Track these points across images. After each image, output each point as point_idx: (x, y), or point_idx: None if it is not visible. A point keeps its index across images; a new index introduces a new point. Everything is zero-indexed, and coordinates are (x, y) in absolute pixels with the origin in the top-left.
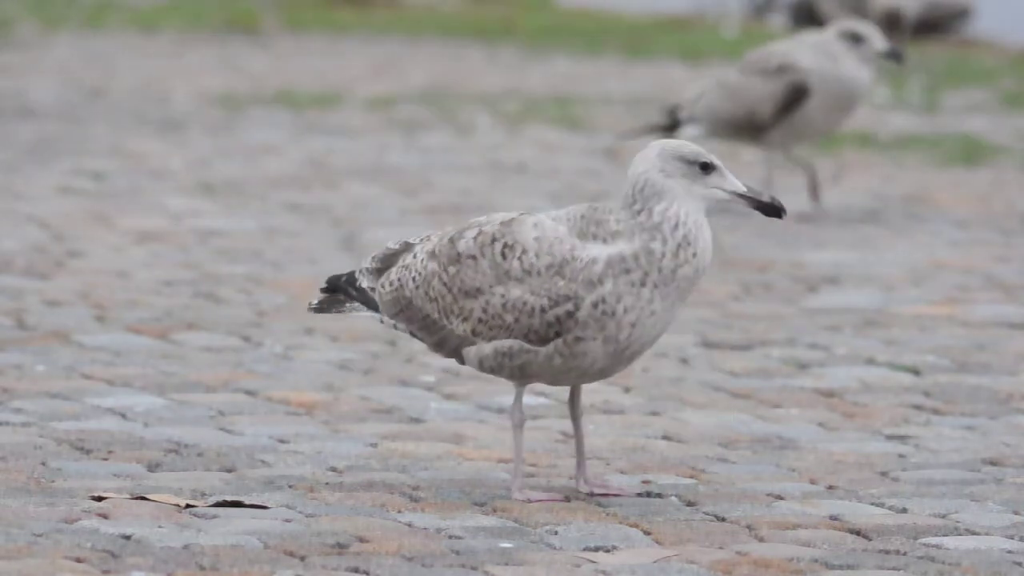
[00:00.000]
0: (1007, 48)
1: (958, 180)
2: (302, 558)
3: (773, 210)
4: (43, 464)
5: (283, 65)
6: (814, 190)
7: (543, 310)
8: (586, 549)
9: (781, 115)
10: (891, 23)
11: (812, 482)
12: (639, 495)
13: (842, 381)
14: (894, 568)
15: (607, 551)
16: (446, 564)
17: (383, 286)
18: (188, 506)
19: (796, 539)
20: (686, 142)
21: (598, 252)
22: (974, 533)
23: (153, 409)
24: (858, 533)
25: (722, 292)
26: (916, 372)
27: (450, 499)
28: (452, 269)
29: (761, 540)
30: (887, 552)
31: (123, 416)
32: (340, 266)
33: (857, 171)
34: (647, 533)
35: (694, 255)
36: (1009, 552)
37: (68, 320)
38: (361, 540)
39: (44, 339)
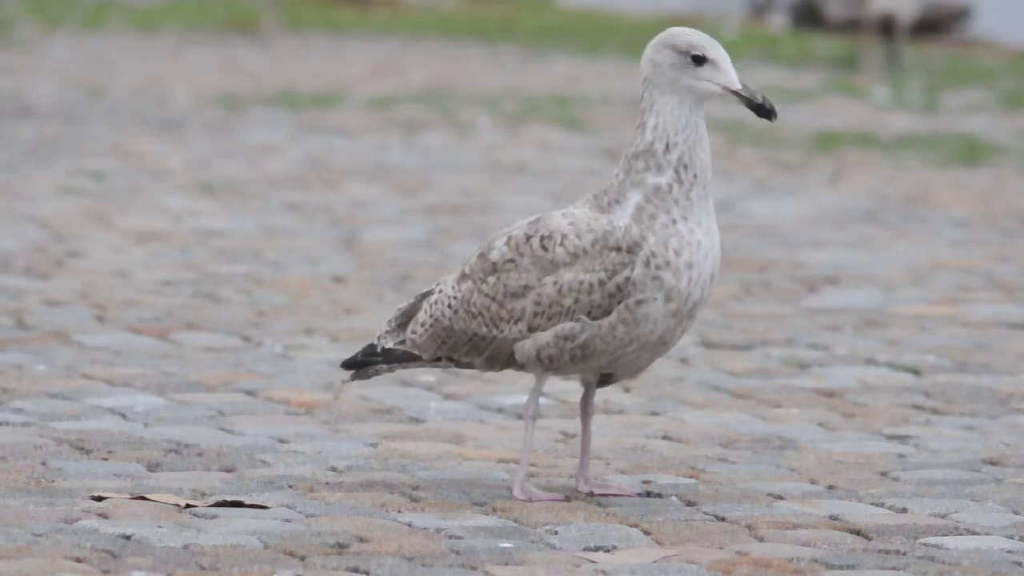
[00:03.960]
0: (1007, 48)
1: (958, 180)
2: (302, 558)
3: (764, 111)
4: (43, 464)
5: (283, 65)
6: None
7: (602, 283)
8: (586, 549)
9: None
10: (887, 26)
11: (812, 482)
12: (639, 495)
13: (842, 381)
14: (894, 568)
15: (607, 551)
16: (446, 564)
17: (413, 332)
18: (188, 506)
19: (796, 539)
20: (691, 31)
21: (624, 214)
22: (974, 533)
23: (153, 409)
24: (858, 533)
25: (722, 292)
26: (916, 372)
27: (450, 499)
28: (491, 279)
29: (761, 540)
30: (887, 552)
31: (123, 416)
32: (340, 266)
33: (857, 171)
34: (647, 533)
35: (695, 176)
36: (1009, 552)
37: (68, 320)
38: (361, 540)
39: (44, 339)
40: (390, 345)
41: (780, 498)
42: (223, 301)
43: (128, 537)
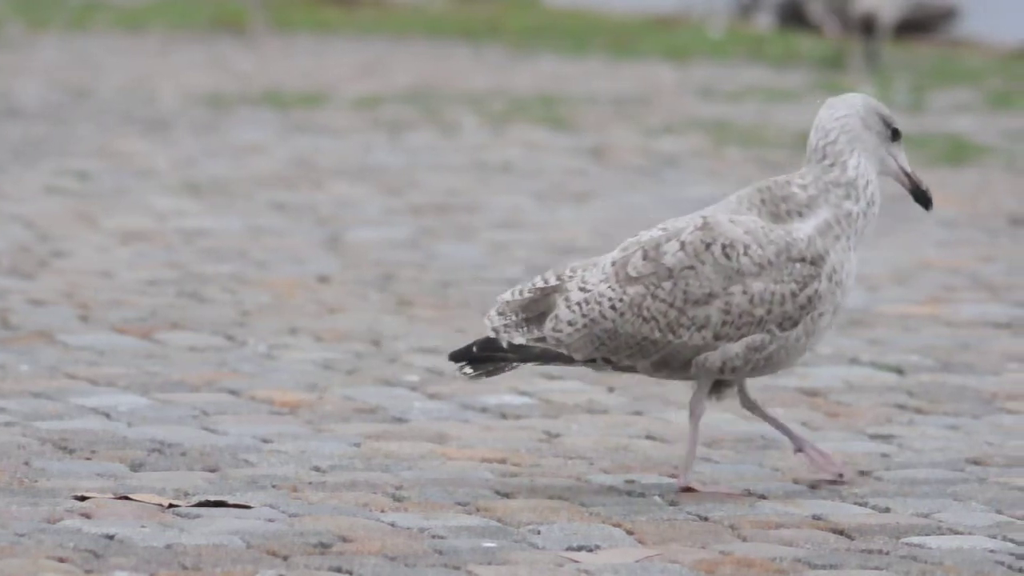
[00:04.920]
0: (994, 48)
1: (944, 180)
2: (285, 558)
3: (926, 200)
4: (26, 464)
5: (269, 65)
6: None
7: (794, 295)
8: (569, 549)
9: None
10: (870, 25)
11: (795, 482)
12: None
13: (826, 381)
14: (876, 568)
15: (590, 551)
16: (429, 564)
17: (556, 331)
18: (171, 506)
19: (779, 539)
20: (883, 103)
21: (805, 228)
22: (957, 532)
23: (137, 409)
24: (841, 533)
25: None
26: (900, 372)
27: (433, 499)
28: (667, 284)
29: (744, 540)
30: (869, 552)
31: (107, 416)
32: (325, 266)
33: None
34: (630, 533)
35: (875, 214)
36: (992, 551)
37: (52, 320)
38: (344, 540)
39: (28, 339)
40: (521, 341)
41: (763, 498)
42: (207, 301)
43: (111, 537)
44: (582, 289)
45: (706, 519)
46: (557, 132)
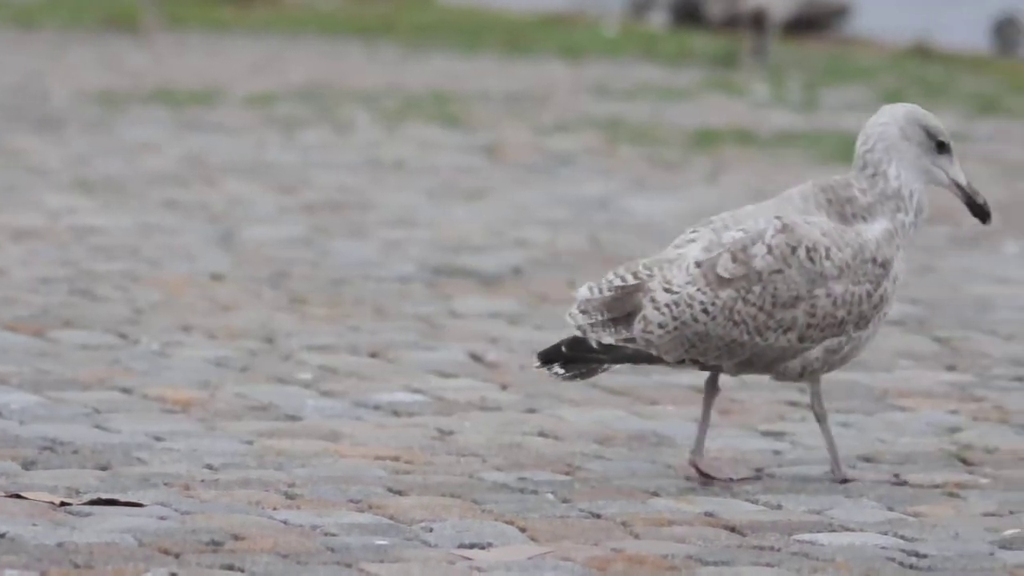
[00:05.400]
0: (886, 46)
1: None
2: (177, 556)
3: (983, 213)
4: None
5: (162, 63)
6: None
7: (869, 295)
8: (461, 546)
9: None
10: (759, 22)
11: (688, 479)
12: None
13: (719, 378)
14: (768, 564)
15: (482, 548)
16: (321, 561)
17: (647, 332)
18: (63, 504)
19: (671, 536)
20: (933, 115)
21: (873, 232)
22: (848, 529)
23: (28, 407)
24: (733, 530)
25: None
26: None
27: (326, 496)
28: (756, 288)
29: (636, 537)
30: (761, 548)
31: None
32: (217, 264)
33: (736, 168)
34: (522, 530)
35: (923, 220)
36: (883, 548)
37: None
38: (236, 538)
39: None
40: (610, 341)
41: (656, 495)
42: (100, 299)
43: (2, 535)
44: (667, 290)
45: (599, 516)
46: (450, 130)
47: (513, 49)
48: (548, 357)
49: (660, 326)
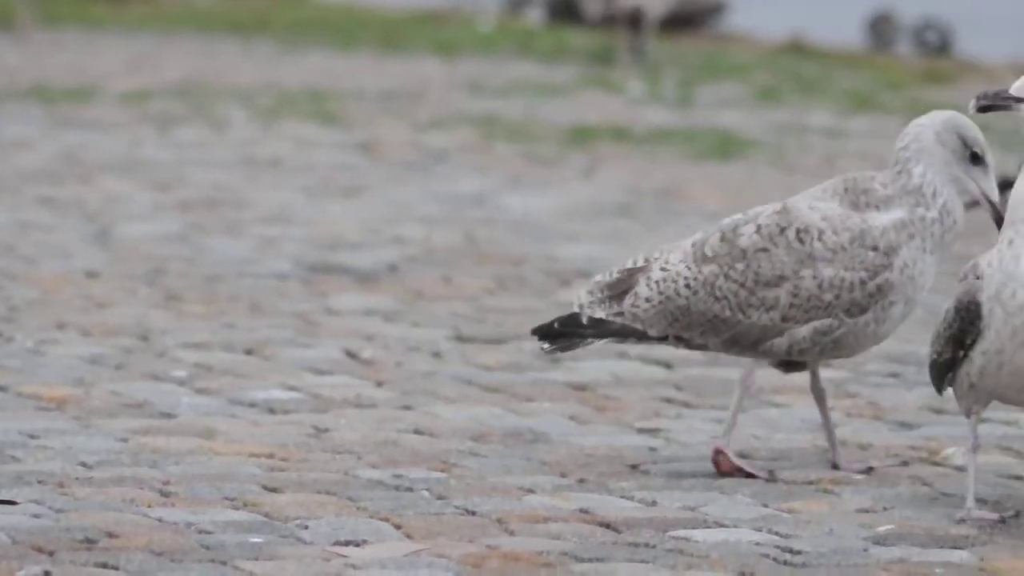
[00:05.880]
0: (761, 43)
1: (711, 174)
2: (51, 553)
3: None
4: None
5: (37, 60)
6: None
7: (863, 282)
8: (336, 543)
9: None
10: (635, 20)
11: (563, 475)
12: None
13: (594, 375)
14: (643, 561)
15: (357, 545)
16: (195, 559)
17: (634, 307)
18: None
19: (546, 532)
20: (975, 126)
21: (882, 220)
22: (723, 526)
23: None
24: (607, 526)
25: (475, 286)
26: (667, 365)
27: (200, 494)
28: (740, 265)
29: (511, 534)
30: (636, 545)
31: None
32: (92, 261)
33: (611, 165)
34: (397, 527)
35: (954, 223)
36: (757, 544)
37: None
38: (110, 535)
39: None
40: (601, 315)
41: (531, 492)
42: None
43: None
44: (663, 269)
45: (474, 513)
46: (326, 127)
47: (389, 46)
48: (541, 333)
49: (647, 300)
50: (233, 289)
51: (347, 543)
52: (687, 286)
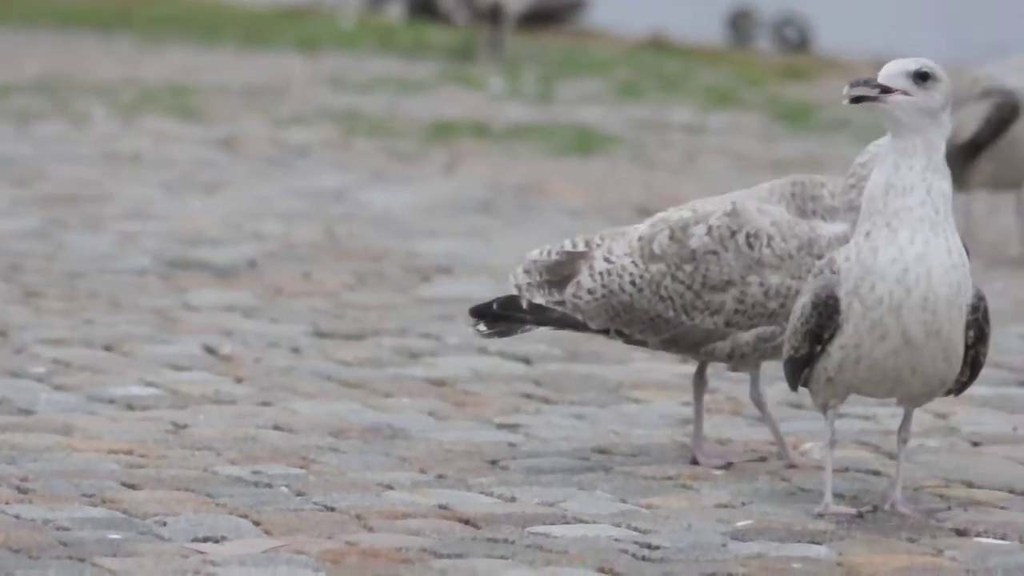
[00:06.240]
0: (622, 39)
1: (572, 170)
2: None
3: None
4: None
5: None
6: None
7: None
8: (195, 540)
9: (988, 139)
10: (495, 16)
11: (422, 471)
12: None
13: (454, 370)
14: (502, 557)
15: (216, 542)
16: (53, 556)
17: (576, 297)
18: None
19: (405, 528)
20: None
21: (829, 230)
22: (582, 521)
23: None
24: (467, 522)
25: (335, 282)
26: (527, 361)
27: (58, 491)
28: (688, 267)
29: (370, 530)
30: (496, 541)
31: None
32: None
33: (471, 161)
34: (256, 524)
35: None
36: (616, 540)
37: None
38: None
39: None
40: (541, 302)
41: (390, 488)
42: None
43: None
44: (607, 260)
45: (333, 509)
46: (187, 122)
47: (251, 42)
48: (479, 312)
49: (589, 292)
50: (92, 285)
51: (206, 540)
52: (632, 283)
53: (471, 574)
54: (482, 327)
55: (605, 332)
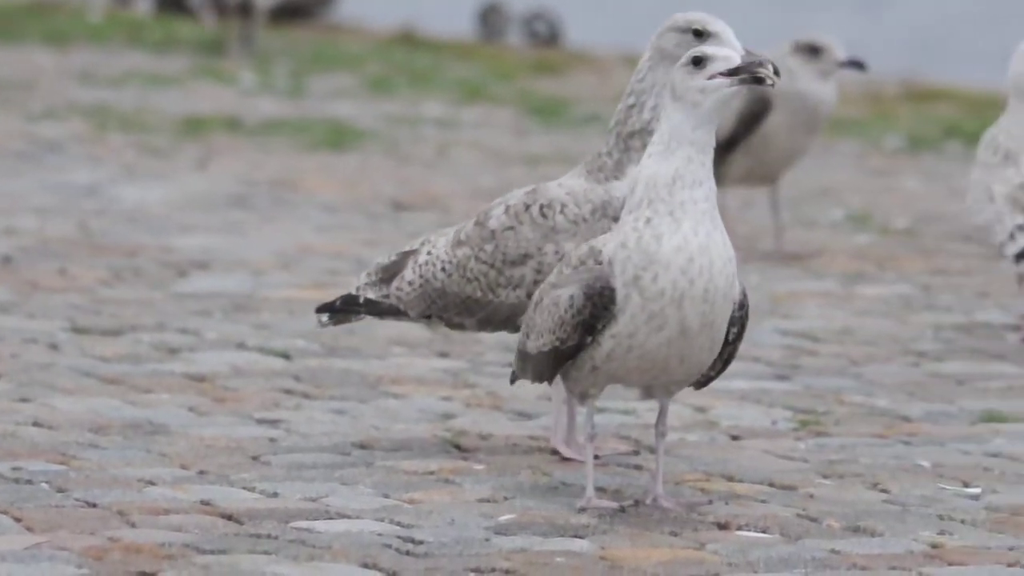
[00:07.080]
0: (373, 33)
1: (325, 164)
2: None
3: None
4: None
5: None
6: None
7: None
8: None
9: (742, 135)
10: (245, 11)
11: (183, 467)
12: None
13: (212, 366)
14: (266, 552)
15: None
16: None
17: (399, 289)
18: None
19: (168, 524)
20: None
21: (621, 190)
22: (345, 516)
23: None
24: (229, 518)
25: (91, 277)
26: (286, 356)
27: None
28: (488, 247)
29: (133, 526)
30: (259, 536)
31: None
32: None
33: (224, 156)
34: (17, 520)
35: None
36: (379, 535)
37: None
38: None
39: None
40: (372, 296)
41: (151, 483)
42: None
43: None
44: (429, 253)
45: (94, 505)
46: None
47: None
48: (324, 308)
49: (409, 283)
50: None
51: None
52: (443, 269)
53: (234, 570)
54: (324, 319)
55: (428, 319)
